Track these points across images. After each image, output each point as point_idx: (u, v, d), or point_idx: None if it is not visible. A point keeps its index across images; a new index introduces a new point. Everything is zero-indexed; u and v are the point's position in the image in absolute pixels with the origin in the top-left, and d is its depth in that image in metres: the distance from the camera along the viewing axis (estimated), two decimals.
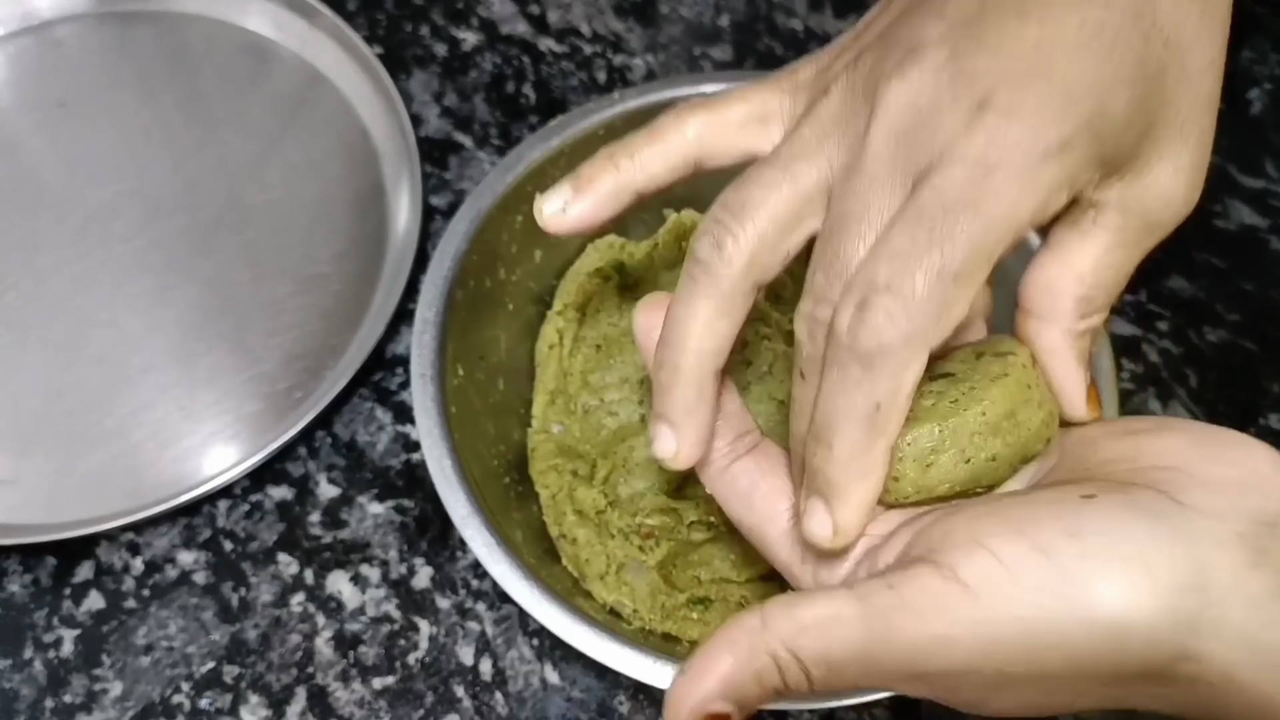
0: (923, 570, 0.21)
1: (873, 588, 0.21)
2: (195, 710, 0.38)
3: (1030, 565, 0.20)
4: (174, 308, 0.46)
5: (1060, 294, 0.25)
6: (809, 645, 0.20)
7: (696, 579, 0.38)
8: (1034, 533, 0.20)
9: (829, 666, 0.21)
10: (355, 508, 0.42)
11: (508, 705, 0.39)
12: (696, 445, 0.26)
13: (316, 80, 0.51)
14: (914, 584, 0.20)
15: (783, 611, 0.21)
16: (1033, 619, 0.20)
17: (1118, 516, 0.20)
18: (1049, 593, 0.20)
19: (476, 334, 0.39)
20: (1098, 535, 0.20)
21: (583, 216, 0.26)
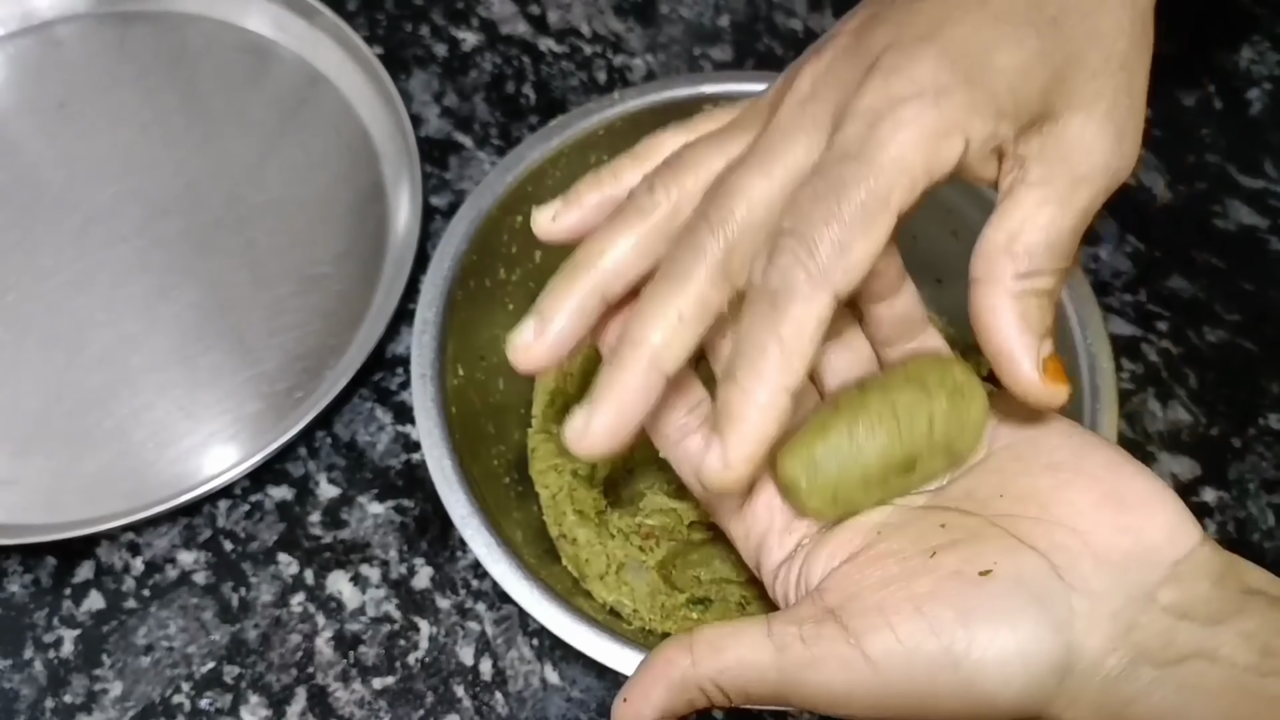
0: (832, 633, 0.23)
1: (787, 639, 0.24)
2: (195, 710, 0.38)
3: (924, 647, 0.23)
4: (174, 308, 0.46)
5: (994, 254, 0.25)
6: (731, 682, 0.24)
7: (696, 579, 0.38)
8: (931, 614, 0.23)
9: (748, 697, 0.24)
10: (355, 508, 0.42)
11: (508, 705, 0.39)
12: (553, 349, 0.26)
13: (316, 80, 0.52)
14: (824, 645, 0.23)
15: (710, 653, 0.24)
16: (920, 691, 0.23)
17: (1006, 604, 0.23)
18: (937, 672, 0.23)
19: (476, 334, 0.39)
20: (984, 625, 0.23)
21: (570, 225, 0.28)
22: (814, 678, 0.23)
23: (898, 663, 0.23)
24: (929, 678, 0.23)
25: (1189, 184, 0.50)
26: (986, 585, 0.23)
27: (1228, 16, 0.55)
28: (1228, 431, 0.44)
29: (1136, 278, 0.47)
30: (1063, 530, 0.24)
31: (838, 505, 0.26)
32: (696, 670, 0.24)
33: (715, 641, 0.24)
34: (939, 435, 0.26)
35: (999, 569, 0.23)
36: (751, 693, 0.24)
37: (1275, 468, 0.43)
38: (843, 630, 0.23)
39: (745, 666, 0.24)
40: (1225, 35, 0.54)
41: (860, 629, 0.23)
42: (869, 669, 0.23)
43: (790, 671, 0.24)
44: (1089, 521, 0.24)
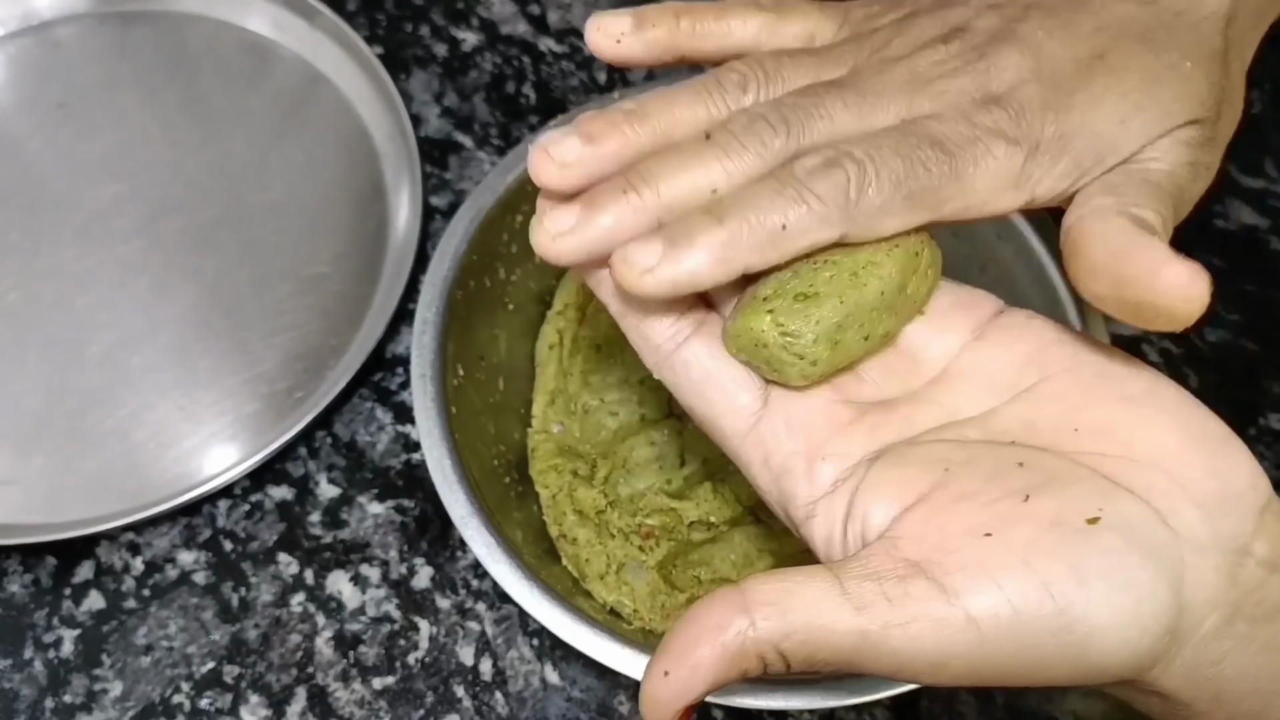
0: (925, 591, 0.20)
1: (869, 597, 0.20)
2: (195, 710, 0.38)
3: (1036, 607, 0.20)
4: (174, 308, 0.46)
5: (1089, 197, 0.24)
6: (799, 649, 0.21)
7: (696, 579, 0.38)
8: (1043, 570, 0.20)
9: (812, 664, 0.21)
10: (355, 508, 0.42)
11: (508, 705, 0.39)
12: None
13: (316, 80, 0.51)
14: (915, 606, 0.20)
15: (775, 614, 0.20)
16: (1026, 655, 0.20)
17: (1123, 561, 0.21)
18: (1050, 636, 0.20)
19: (476, 334, 0.39)
20: (1102, 585, 0.20)
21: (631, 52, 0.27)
22: (902, 643, 0.20)
23: (1006, 625, 0.20)
24: (1038, 640, 0.20)
25: None
26: (1097, 537, 0.21)
27: None
28: None
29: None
30: (1154, 471, 0.22)
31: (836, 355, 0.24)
32: (757, 633, 0.20)
33: (778, 599, 0.21)
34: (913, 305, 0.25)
35: (1106, 518, 0.21)
36: (820, 658, 0.21)
37: (1275, 468, 0.43)
38: (938, 588, 0.20)
39: (817, 629, 0.20)
40: None
41: (959, 587, 0.20)
42: (971, 632, 0.20)
43: (874, 635, 0.20)
44: (1179, 463, 0.22)
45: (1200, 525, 0.21)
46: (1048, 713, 0.39)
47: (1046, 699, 0.39)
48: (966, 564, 0.21)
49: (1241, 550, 0.21)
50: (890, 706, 0.39)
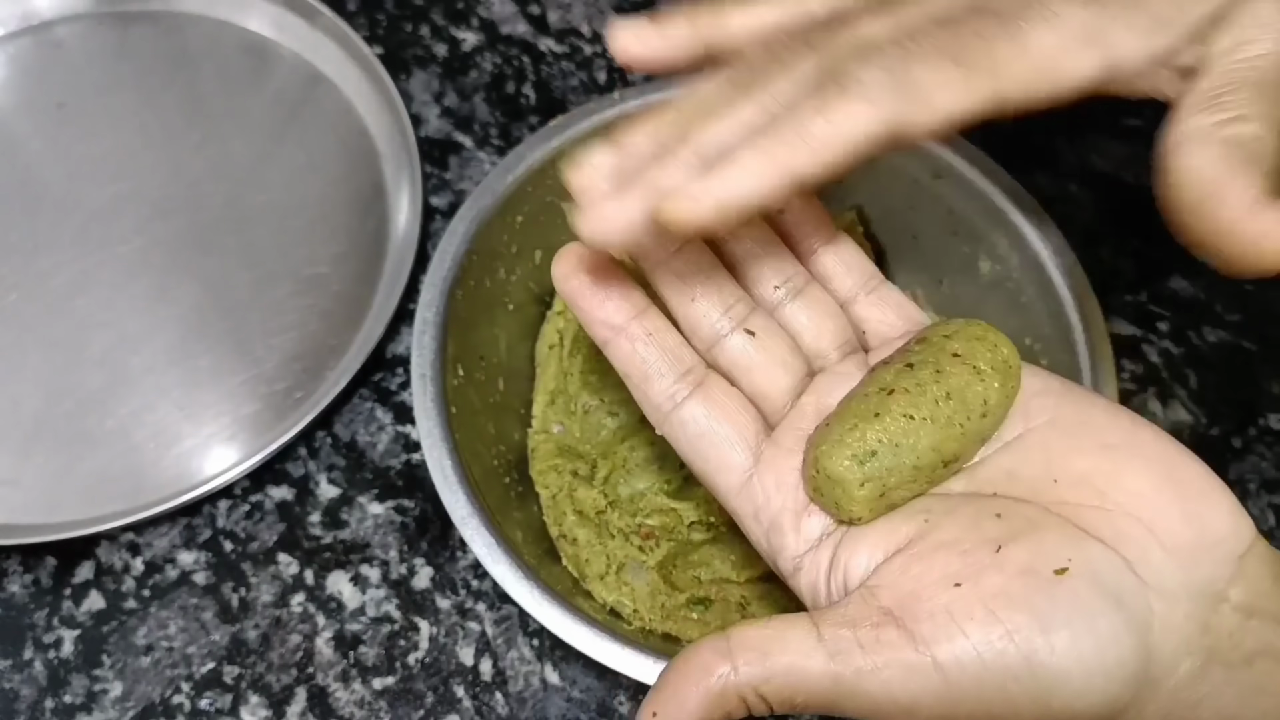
0: (895, 639, 0.21)
1: (843, 644, 0.22)
2: (195, 710, 0.38)
3: (1001, 653, 0.21)
4: (174, 308, 0.46)
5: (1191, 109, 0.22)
6: (777, 691, 0.22)
7: (696, 579, 0.38)
8: (1008, 618, 0.21)
9: (792, 705, 0.22)
10: (355, 508, 0.42)
11: (508, 705, 0.39)
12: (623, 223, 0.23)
13: (316, 80, 0.51)
14: (886, 653, 0.21)
15: (754, 659, 0.22)
16: (992, 699, 0.21)
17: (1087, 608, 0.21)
18: (1013, 680, 0.21)
19: (476, 334, 0.39)
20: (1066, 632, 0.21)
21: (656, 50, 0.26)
22: (874, 687, 0.21)
23: (971, 671, 0.21)
24: (1003, 686, 0.21)
25: None
26: (1063, 585, 0.21)
27: None
28: (1228, 431, 0.44)
29: (1137, 278, 0.47)
30: (1126, 519, 0.22)
31: (882, 502, 0.24)
32: (738, 678, 0.22)
33: (759, 645, 0.22)
34: (989, 424, 0.24)
35: (1074, 567, 0.22)
36: (799, 701, 0.22)
37: (1275, 468, 0.43)
38: (907, 635, 0.21)
39: (794, 674, 0.22)
40: None
41: (928, 635, 0.21)
42: (938, 678, 0.21)
43: (846, 680, 0.22)
44: (1152, 509, 0.22)
45: (1170, 572, 0.22)
46: None
47: None
48: (935, 612, 0.22)
49: (1216, 596, 0.22)
50: None
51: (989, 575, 0.22)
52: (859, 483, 0.24)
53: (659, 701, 0.22)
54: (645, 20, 0.26)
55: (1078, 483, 0.23)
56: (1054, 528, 0.23)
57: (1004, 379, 0.25)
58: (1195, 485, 0.23)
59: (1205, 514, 0.22)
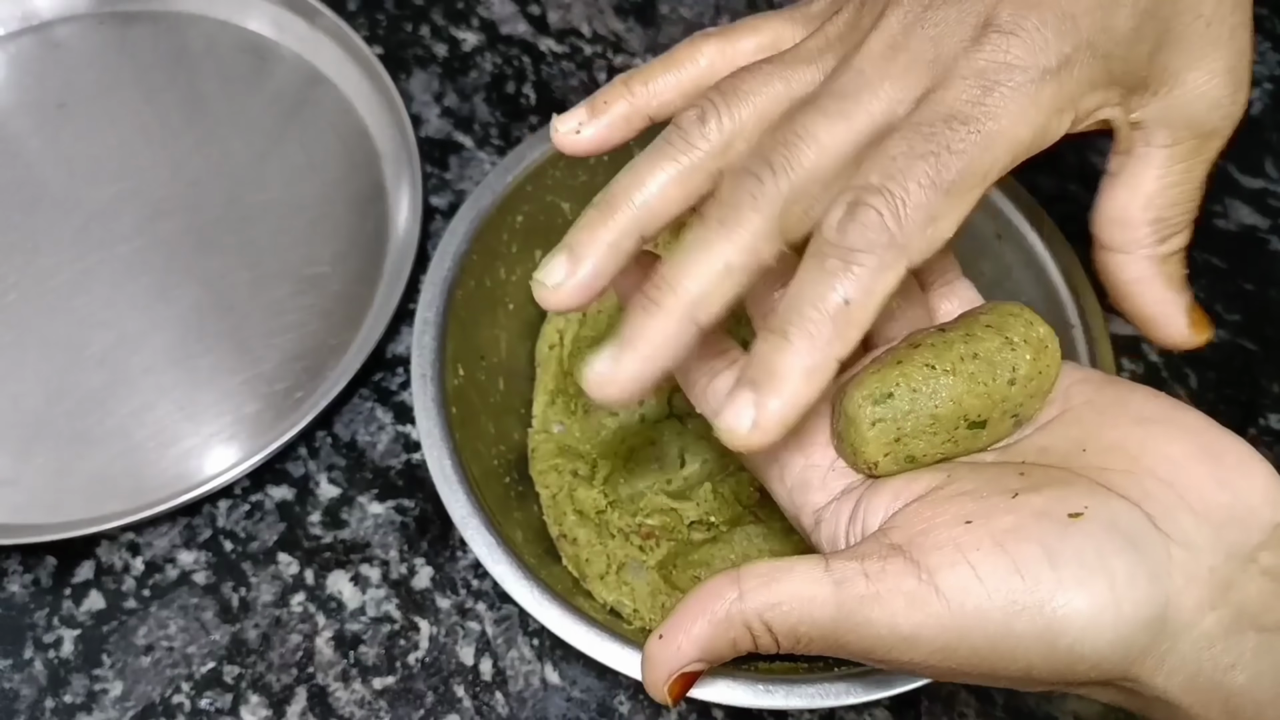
0: (900, 568, 0.21)
1: (848, 574, 0.22)
2: (195, 710, 0.38)
3: (1007, 586, 0.21)
4: (174, 308, 0.46)
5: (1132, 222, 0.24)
6: (782, 620, 0.22)
7: (696, 579, 0.38)
8: (1015, 551, 0.21)
9: (797, 639, 0.22)
10: (355, 508, 0.42)
11: (508, 705, 0.39)
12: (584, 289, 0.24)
13: (316, 80, 0.51)
14: (890, 581, 0.21)
15: (760, 585, 0.22)
16: (998, 635, 0.21)
17: (1099, 547, 0.21)
18: (1020, 616, 0.21)
19: (477, 334, 0.39)
20: (1075, 567, 0.21)
21: (596, 138, 0.26)
22: (877, 615, 0.21)
23: (975, 602, 0.21)
24: (1007, 621, 0.21)
25: None
26: (1076, 525, 0.21)
27: None
28: None
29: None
30: (1156, 482, 0.22)
31: (898, 449, 0.24)
32: (744, 604, 0.22)
33: (766, 574, 0.22)
34: (1016, 393, 0.24)
35: (1090, 512, 0.21)
36: (803, 632, 0.22)
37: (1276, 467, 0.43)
38: (913, 565, 0.21)
39: (799, 601, 0.22)
40: None
41: (934, 564, 0.21)
42: (941, 607, 0.21)
43: (849, 608, 0.21)
44: (1185, 474, 0.22)
45: (1196, 530, 0.21)
46: (1047, 713, 0.39)
47: (1046, 700, 0.39)
48: (943, 544, 0.21)
49: (1245, 557, 0.21)
50: (890, 707, 0.39)
51: (1001, 515, 0.22)
52: (870, 422, 0.24)
53: (668, 625, 0.22)
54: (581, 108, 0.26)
55: (1109, 450, 0.23)
56: (1079, 484, 0.22)
57: (1036, 353, 0.24)
58: (1232, 456, 0.22)
59: (1239, 482, 0.22)
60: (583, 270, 0.24)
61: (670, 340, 0.23)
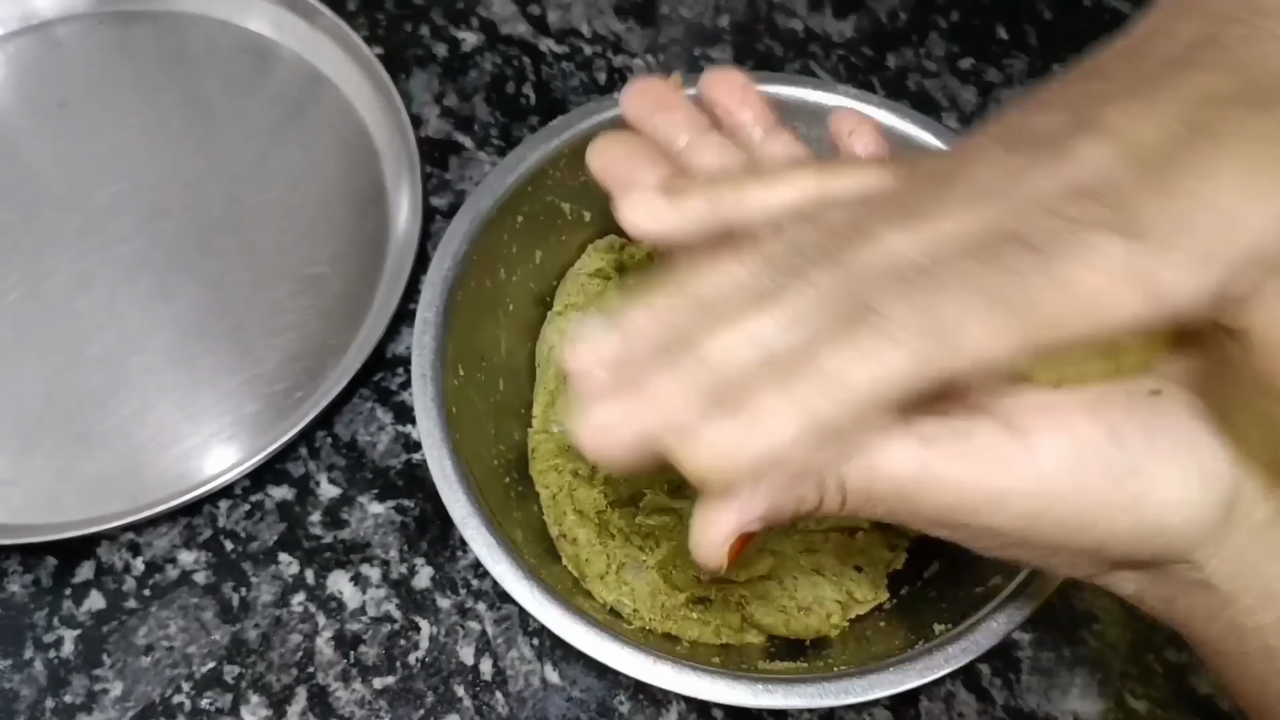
0: (991, 428, 0.21)
1: (934, 430, 0.20)
2: (196, 710, 0.38)
3: (1103, 449, 0.20)
4: (174, 308, 0.46)
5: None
6: (858, 476, 0.20)
7: (696, 579, 0.38)
8: (1110, 419, 0.21)
9: (869, 498, 0.21)
10: (356, 508, 0.42)
11: (508, 705, 0.39)
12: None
13: (316, 80, 0.51)
14: (981, 439, 0.20)
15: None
16: (1088, 503, 0.20)
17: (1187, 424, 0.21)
18: (1113, 482, 0.20)
19: (477, 334, 0.39)
20: (1169, 434, 0.21)
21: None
22: (963, 474, 0.20)
23: (1069, 467, 0.20)
24: (1100, 488, 0.20)
25: None
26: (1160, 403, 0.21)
27: None
28: None
29: None
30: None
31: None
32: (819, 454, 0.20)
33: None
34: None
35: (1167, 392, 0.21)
36: (877, 491, 0.20)
37: None
38: (1005, 426, 0.20)
39: (879, 455, 0.20)
40: None
41: (1027, 425, 0.20)
42: (1033, 470, 0.20)
43: (935, 465, 0.20)
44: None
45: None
46: (1048, 713, 0.39)
47: (1046, 699, 0.39)
48: (1035, 408, 0.21)
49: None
50: (890, 707, 0.39)
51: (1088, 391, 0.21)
52: None
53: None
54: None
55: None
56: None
57: None
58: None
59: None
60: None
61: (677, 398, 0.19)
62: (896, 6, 0.55)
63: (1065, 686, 0.39)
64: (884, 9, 0.55)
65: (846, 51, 0.54)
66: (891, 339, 0.18)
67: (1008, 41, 0.54)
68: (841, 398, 0.18)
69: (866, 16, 0.55)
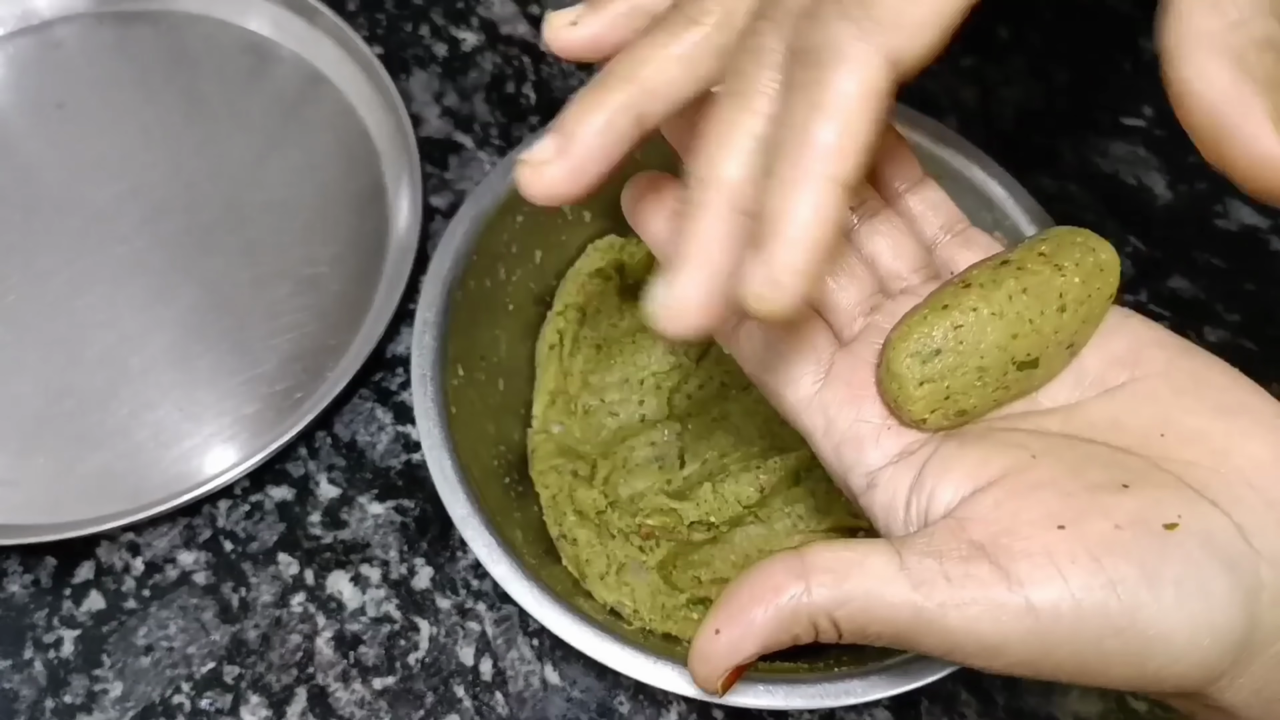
0: (986, 574, 0.20)
1: (928, 574, 0.20)
2: (195, 710, 0.38)
3: (1101, 602, 0.20)
4: (174, 308, 0.46)
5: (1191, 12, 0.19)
6: (851, 620, 0.20)
7: (696, 579, 0.38)
8: (1112, 567, 0.20)
9: (864, 635, 0.21)
10: (355, 508, 0.42)
11: (508, 705, 0.39)
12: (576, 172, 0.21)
13: (316, 80, 0.51)
14: (975, 589, 0.20)
15: (830, 580, 0.20)
16: (1087, 651, 0.20)
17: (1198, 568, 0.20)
18: (1111, 634, 0.20)
19: (477, 334, 0.39)
20: (1174, 590, 0.20)
21: (593, 35, 0.23)
22: (959, 623, 0.20)
23: (1068, 619, 0.20)
24: (1099, 639, 0.20)
25: (1189, 184, 0.50)
26: (1173, 539, 0.20)
27: None
28: None
29: (1137, 278, 0.47)
30: (1243, 486, 0.21)
31: (948, 405, 0.23)
32: (812, 600, 0.20)
33: (836, 568, 0.21)
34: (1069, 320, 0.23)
35: (1185, 523, 0.20)
36: (872, 631, 0.21)
37: None
38: (1000, 573, 0.20)
39: (873, 601, 0.20)
40: None
41: (1024, 575, 0.20)
42: (1030, 621, 0.20)
43: (929, 613, 0.20)
44: (1271, 479, 0.21)
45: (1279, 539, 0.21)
46: (1049, 713, 0.39)
47: (1047, 700, 0.39)
48: (1034, 552, 0.20)
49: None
50: (890, 707, 0.39)
51: (1094, 520, 0.20)
52: (917, 382, 0.23)
53: (724, 618, 0.21)
54: (581, 5, 0.24)
55: (1189, 440, 0.22)
56: (1165, 483, 0.21)
57: (1087, 276, 0.23)
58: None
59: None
60: (575, 148, 0.21)
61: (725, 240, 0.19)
62: None
63: (1066, 688, 0.39)
64: None
65: None
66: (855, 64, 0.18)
67: (1008, 41, 0.54)
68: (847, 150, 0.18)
69: None
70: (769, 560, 0.21)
